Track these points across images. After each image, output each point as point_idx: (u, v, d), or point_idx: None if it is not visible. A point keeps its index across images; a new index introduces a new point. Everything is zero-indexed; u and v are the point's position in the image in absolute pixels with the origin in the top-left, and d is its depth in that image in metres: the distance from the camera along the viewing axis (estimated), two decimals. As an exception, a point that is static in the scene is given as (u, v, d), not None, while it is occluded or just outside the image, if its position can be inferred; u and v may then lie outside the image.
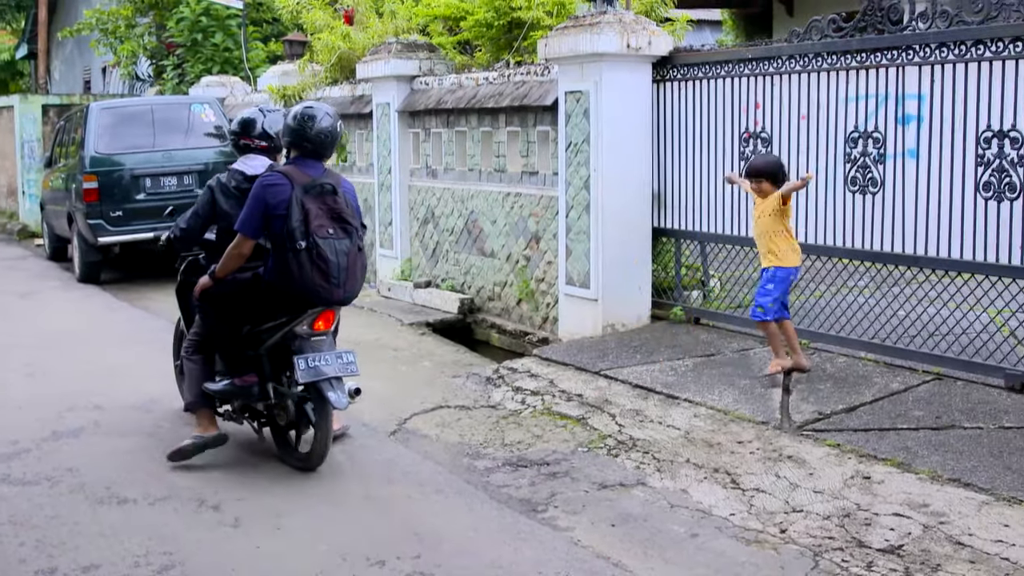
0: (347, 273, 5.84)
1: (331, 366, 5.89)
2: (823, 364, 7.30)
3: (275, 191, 5.80)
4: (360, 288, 6.08)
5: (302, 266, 5.70)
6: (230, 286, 6.05)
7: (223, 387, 6.21)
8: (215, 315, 6.18)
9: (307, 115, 5.93)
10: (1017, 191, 6.38)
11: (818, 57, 7.44)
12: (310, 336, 5.98)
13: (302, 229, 5.70)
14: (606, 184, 8.50)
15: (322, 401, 5.86)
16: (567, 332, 8.92)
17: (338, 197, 5.90)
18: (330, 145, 6.02)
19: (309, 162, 5.97)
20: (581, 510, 5.40)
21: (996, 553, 4.58)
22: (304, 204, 5.74)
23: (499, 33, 10.85)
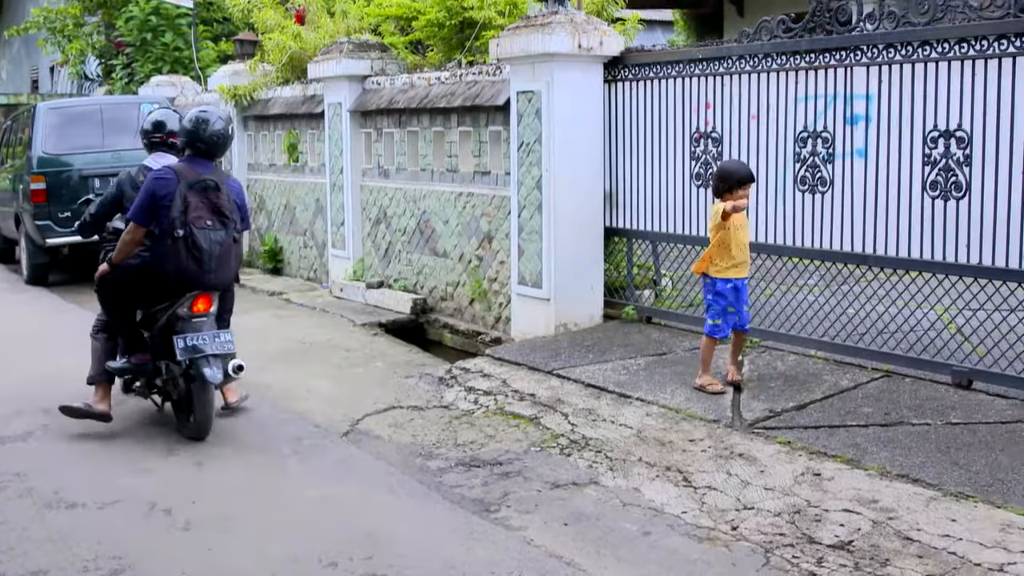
0: (219, 261, 6.51)
1: (208, 345, 6.49)
2: (774, 362, 7.35)
3: (162, 184, 6.45)
4: (233, 275, 6.79)
5: (178, 252, 6.39)
6: (124, 272, 6.68)
7: (121, 365, 6.87)
8: (112, 299, 6.82)
9: (201, 119, 6.64)
10: (963, 190, 6.45)
11: (768, 57, 7.49)
12: (191, 318, 6.55)
13: (181, 219, 6.37)
14: (558, 184, 8.50)
15: (201, 377, 6.46)
16: (520, 332, 8.92)
17: (220, 193, 6.56)
18: (221, 146, 6.71)
19: (200, 161, 6.66)
20: (534, 509, 5.39)
21: (943, 547, 4.63)
22: (186, 197, 6.40)
23: (451, 33, 10.82)
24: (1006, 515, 4.87)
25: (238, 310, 7.88)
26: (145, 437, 6.80)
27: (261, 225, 14.08)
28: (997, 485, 5.18)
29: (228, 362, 6.57)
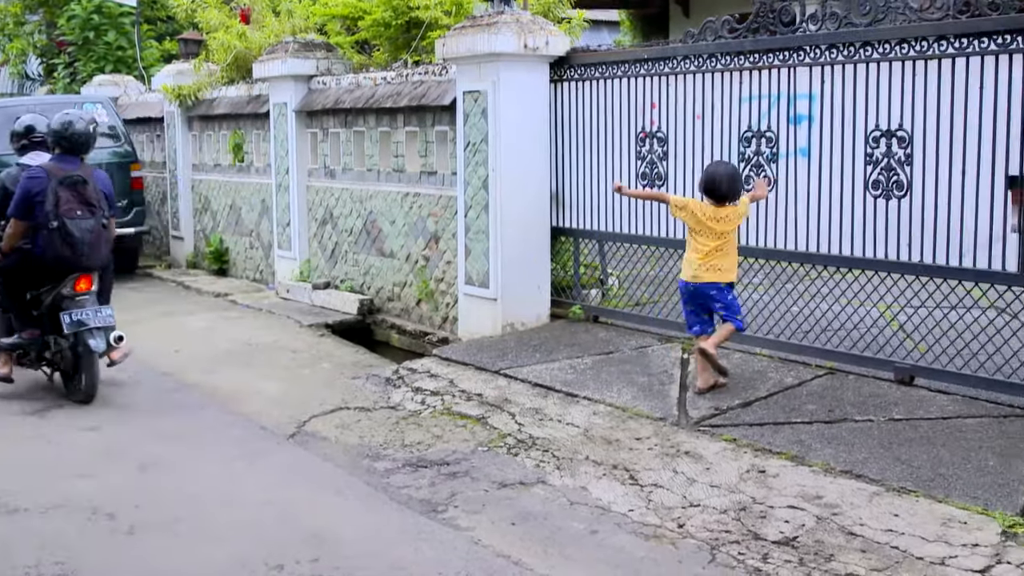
0: (91, 246, 7.41)
1: (92, 319, 7.38)
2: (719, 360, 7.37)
3: (35, 182, 7.34)
4: (105, 257, 7.62)
5: (54, 241, 7.30)
6: (12, 259, 7.52)
7: (13, 341, 7.71)
8: (3, 283, 7.67)
9: (66, 121, 7.56)
10: (904, 189, 6.53)
11: (712, 58, 7.53)
12: (74, 296, 7.43)
13: (54, 212, 7.27)
14: (504, 184, 8.50)
15: (86, 347, 7.34)
16: (467, 332, 8.90)
17: (88, 186, 7.46)
18: (84, 144, 7.60)
19: (68, 158, 7.55)
20: (481, 509, 5.39)
21: (886, 542, 4.68)
22: (57, 192, 7.29)
23: (397, 33, 10.77)
24: (947, 509, 4.93)
25: (182, 312, 7.84)
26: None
27: (206, 226, 13.94)
28: (939, 480, 5.24)
29: (110, 334, 7.44)
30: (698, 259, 6.67)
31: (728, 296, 6.70)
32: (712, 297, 6.69)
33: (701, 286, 6.70)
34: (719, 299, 6.68)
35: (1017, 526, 4.72)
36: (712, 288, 6.67)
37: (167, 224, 14.88)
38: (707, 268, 6.64)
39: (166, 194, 14.80)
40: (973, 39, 6.14)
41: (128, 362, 7.75)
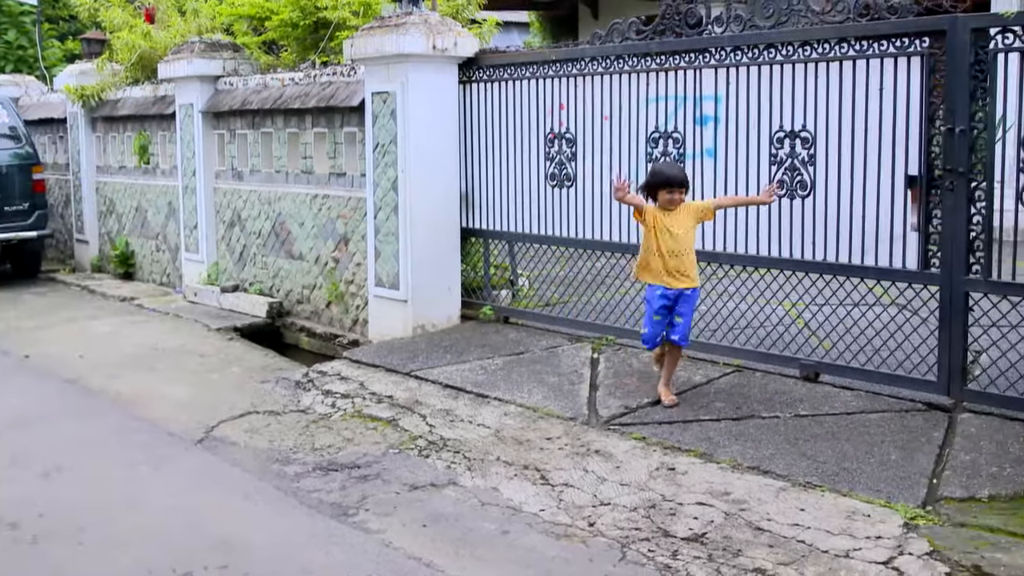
0: None
1: None
2: (629, 360, 7.43)
3: None
4: None
5: None
6: None
7: None
8: None
9: None
10: (808, 189, 6.64)
11: (620, 59, 7.58)
12: None
13: None
14: (414, 185, 8.46)
15: None
16: (377, 334, 8.85)
17: None
18: None
19: None
20: (392, 512, 5.34)
21: (793, 536, 4.73)
22: None
23: (305, 33, 10.67)
24: (852, 503, 5.01)
25: (87, 316, 7.71)
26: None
27: (112, 229, 13.67)
28: (843, 474, 5.33)
29: None
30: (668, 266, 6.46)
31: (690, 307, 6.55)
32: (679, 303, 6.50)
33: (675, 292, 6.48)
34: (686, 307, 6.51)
35: (919, 518, 4.82)
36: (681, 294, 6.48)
37: (71, 227, 14.56)
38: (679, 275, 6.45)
39: (70, 197, 14.48)
40: (873, 42, 6.27)
41: (31, 368, 7.55)
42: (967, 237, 5.97)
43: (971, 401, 6.05)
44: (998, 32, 5.76)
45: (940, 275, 6.11)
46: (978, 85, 5.86)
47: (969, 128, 5.88)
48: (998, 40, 5.77)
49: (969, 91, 5.87)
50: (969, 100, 5.88)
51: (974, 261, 5.98)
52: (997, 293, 5.97)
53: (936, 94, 6.03)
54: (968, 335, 6.09)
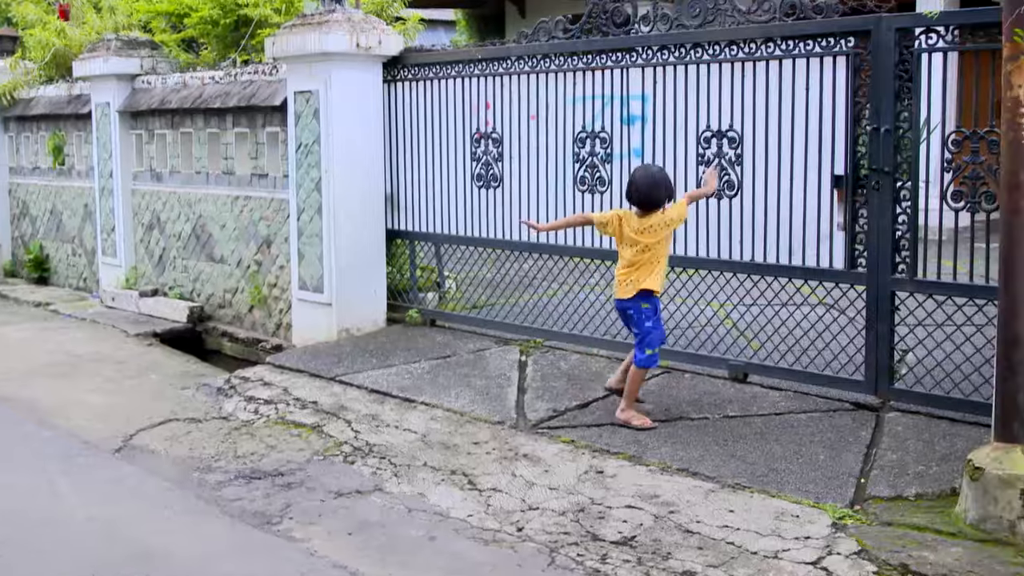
0: None
1: None
2: (557, 362, 7.39)
3: None
4: None
5: None
6: None
7: None
8: None
9: None
10: (736, 189, 6.63)
11: (546, 58, 7.53)
12: None
13: None
14: (338, 186, 8.35)
15: None
16: (301, 338, 8.71)
17: None
18: None
19: None
20: (317, 520, 5.27)
21: (722, 538, 4.73)
22: None
23: (225, 31, 10.52)
24: (780, 503, 5.01)
25: (-1, 322, 7.45)
26: None
27: (25, 232, 13.33)
28: (772, 475, 5.33)
29: None
30: (619, 274, 6.19)
31: (645, 320, 6.12)
32: (630, 317, 6.20)
33: (619, 303, 6.21)
34: (635, 320, 6.16)
35: (847, 517, 4.83)
36: (630, 306, 6.16)
37: (-18, 231, 14.18)
38: (627, 283, 6.12)
39: (-19, 199, 14.10)
40: (799, 41, 6.28)
41: (-63, 377, 7.31)
42: (893, 236, 5.99)
43: (898, 400, 6.08)
44: (922, 32, 5.80)
45: (866, 274, 6.13)
46: (903, 85, 5.89)
47: (894, 128, 5.90)
48: (922, 40, 5.80)
49: (894, 91, 5.90)
50: (894, 100, 5.90)
51: (900, 260, 6.01)
52: (923, 292, 6.00)
53: (862, 94, 6.05)
54: (894, 334, 6.12)
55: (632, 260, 6.09)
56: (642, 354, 6.11)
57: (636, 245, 6.06)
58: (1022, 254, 4.57)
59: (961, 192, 5.66)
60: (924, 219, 5.94)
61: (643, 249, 6.05)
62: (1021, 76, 4.48)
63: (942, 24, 5.70)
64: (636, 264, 6.08)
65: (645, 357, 6.11)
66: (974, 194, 5.60)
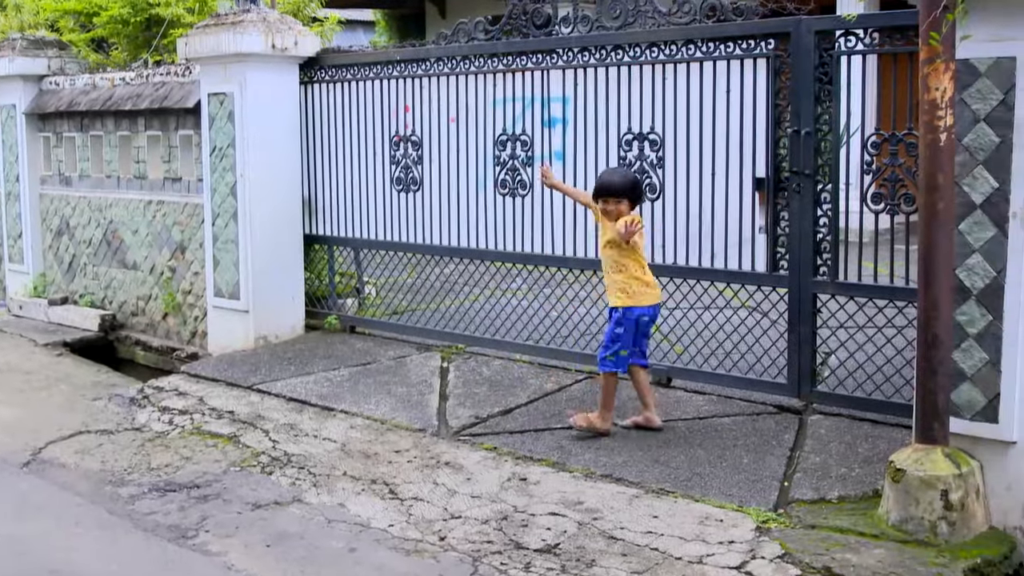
0: None
1: None
2: (479, 368, 7.32)
3: None
4: None
5: None
6: None
7: None
8: None
9: None
10: (657, 192, 6.60)
11: (466, 60, 7.46)
12: None
13: None
14: (254, 190, 8.21)
15: None
16: (217, 346, 8.55)
17: None
18: None
19: None
20: (234, 532, 5.18)
21: (646, 544, 4.70)
22: None
23: (137, 31, 10.32)
24: (704, 508, 5.01)
25: None
26: None
27: (-71, 239, 12.94)
28: (696, 479, 5.32)
29: None
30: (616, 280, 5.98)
31: (614, 327, 5.94)
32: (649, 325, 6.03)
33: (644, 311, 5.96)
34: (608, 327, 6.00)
35: (771, 521, 4.84)
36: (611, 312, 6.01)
37: None
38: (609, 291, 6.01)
39: None
40: (719, 43, 6.28)
41: None
42: (814, 239, 6.01)
43: (821, 403, 6.10)
44: (841, 35, 5.82)
45: (788, 277, 6.14)
46: (823, 87, 5.90)
47: (815, 130, 5.92)
48: (841, 43, 5.82)
49: (814, 93, 5.91)
50: (814, 102, 5.92)
51: (821, 263, 6.02)
52: (844, 294, 6.03)
53: (782, 96, 6.06)
54: (817, 337, 6.13)
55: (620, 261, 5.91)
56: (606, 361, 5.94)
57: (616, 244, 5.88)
58: (941, 256, 4.59)
59: (881, 194, 5.69)
60: (845, 221, 5.96)
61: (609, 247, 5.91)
62: (938, 78, 4.50)
63: (861, 27, 5.72)
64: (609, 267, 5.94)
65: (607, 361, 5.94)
66: (893, 196, 5.64)
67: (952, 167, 4.56)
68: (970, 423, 4.74)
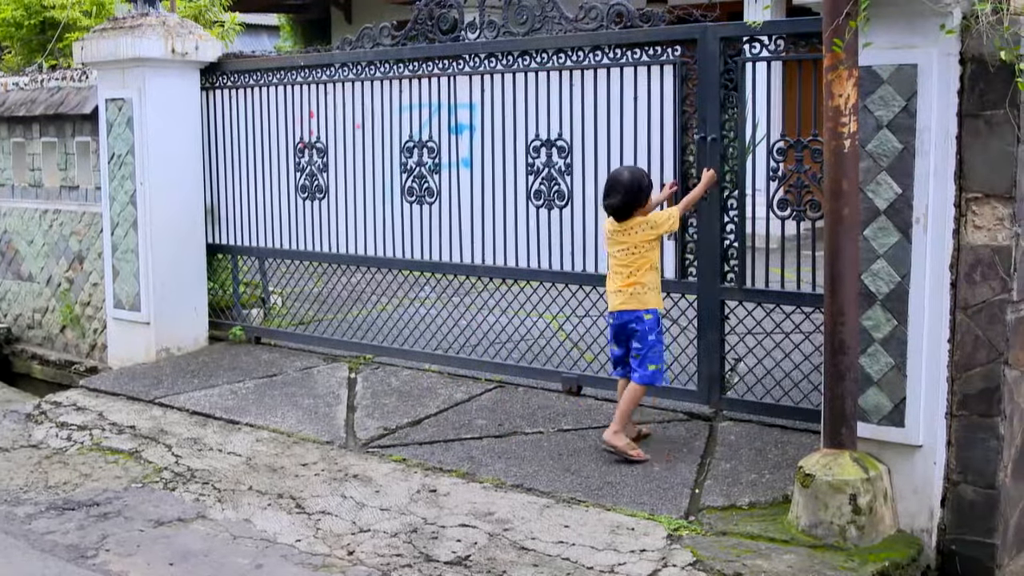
0: None
1: None
2: (388, 379, 7.24)
3: None
4: None
5: None
6: None
7: None
8: None
9: None
10: (565, 199, 6.58)
11: (371, 65, 7.38)
12: None
13: None
14: (154, 199, 8.04)
15: None
16: (118, 359, 8.35)
17: None
18: None
19: None
20: (136, 551, 5.06)
21: (558, 554, 4.67)
22: None
23: (31, 34, 10.12)
24: (616, 517, 4.99)
25: None
26: None
27: None
28: (607, 488, 5.30)
29: None
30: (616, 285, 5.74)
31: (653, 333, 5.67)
32: (632, 332, 5.70)
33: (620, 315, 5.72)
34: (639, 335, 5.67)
35: (682, 529, 4.84)
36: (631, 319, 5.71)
37: None
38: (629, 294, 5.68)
39: None
40: (626, 50, 6.28)
41: None
42: (721, 246, 6.03)
43: (730, 409, 6.12)
44: (746, 41, 5.85)
45: (697, 284, 6.15)
46: (728, 94, 5.93)
47: (721, 136, 5.94)
48: (746, 50, 5.85)
49: (720, 100, 5.93)
50: (720, 109, 5.94)
51: (728, 269, 6.04)
52: (751, 301, 6.06)
53: (689, 103, 6.08)
54: (725, 343, 6.15)
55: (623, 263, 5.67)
56: (645, 370, 5.68)
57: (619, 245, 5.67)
58: (846, 262, 4.62)
59: (787, 201, 5.73)
60: (752, 228, 5.98)
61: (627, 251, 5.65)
62: (841, 85, 4.53)
63: (765, 34, 5.76)
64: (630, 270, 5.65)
65: (650, 373, 5.69)
66: (799, 202, 5.68)
67: (856, 173, 4.60)
68: (877, 427, 4.78)
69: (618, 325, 5.72)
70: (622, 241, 5.64)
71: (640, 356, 5.65)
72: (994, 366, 4.60)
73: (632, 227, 5.62)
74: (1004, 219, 4.54)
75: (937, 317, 4.65)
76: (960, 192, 4.62)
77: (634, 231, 5.61)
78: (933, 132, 4.57)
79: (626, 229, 5.63)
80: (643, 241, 5.61)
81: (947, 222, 4.62)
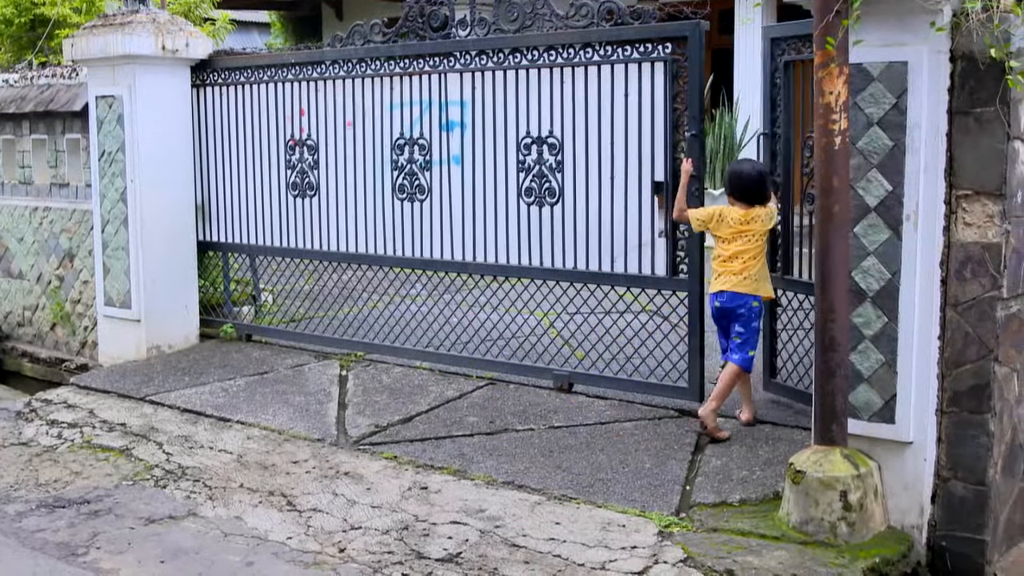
0: None
1: None
2: (379, 376, 7.24)
3: None
4: None
5: None
6: None
7: None
8: None
9: None
10: (557, 196, 6.58)
11: (362, 63, 7.37)
12: None
13: None
14: (145, 196, 8.02)
15: None
16: (109, 357, 8.33)
17: None
18: None
19: None
20: (127, 549, 5.04)
21: (549, 551, 4.67)
22: None
23: (21, 31, 10.10)
24: (607, 514, 5.00)
25: None
26: None
27: None
28: (598, 485, 5.30)
29: None
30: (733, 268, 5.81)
31: (757, 321, 5.82)
32: (738, 316, 5.79)
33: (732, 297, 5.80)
34: (744, 319, 5.78)
35: (673, 525, 4.85)
36: (742, 302, 5.78)
37: None
38: (743, 278, 5.76)
39: None
40: (617, 47, 6.28)
41: None
42: (712, 242, 6.03)
43: (720, 405, 6.12)
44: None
45: (688, 281, 6.16)
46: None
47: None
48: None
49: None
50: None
51: (719, 267, 6.05)
52: (742, 297, 6.05)
53: (680, 100, 6.08)
54: (716, 340, 6.16)
55: (743, 248, 5.75)
56: (745, 354, 5.81)
57: (744, 233, 5.74)
58: (837, 259, 4.63)
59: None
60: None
61: (750, 238, 5.75)
62: (832, 83, 4.54)
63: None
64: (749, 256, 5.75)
65: (749, 358, 5.83)
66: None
67: (847, 170, 4.60)
68: (868, 424, 4.79)
69: (724, 308, 5.80)
70: (746, 229, 5.74)
71: (742, 340, 5.77)
72: (984, 363, 4.61)
73: (759, 215, 5.74)
74: (994, 216, 4.55)
75: (927, 314, 4.66)
76: (950, 189, 4.63)
77: (760, 220, 5.74)
78: (923, 129, 4.57)
79: (754, 217, 5.74)
80: (764, 230, 5.77)
81: (937, 219, 4.62)
